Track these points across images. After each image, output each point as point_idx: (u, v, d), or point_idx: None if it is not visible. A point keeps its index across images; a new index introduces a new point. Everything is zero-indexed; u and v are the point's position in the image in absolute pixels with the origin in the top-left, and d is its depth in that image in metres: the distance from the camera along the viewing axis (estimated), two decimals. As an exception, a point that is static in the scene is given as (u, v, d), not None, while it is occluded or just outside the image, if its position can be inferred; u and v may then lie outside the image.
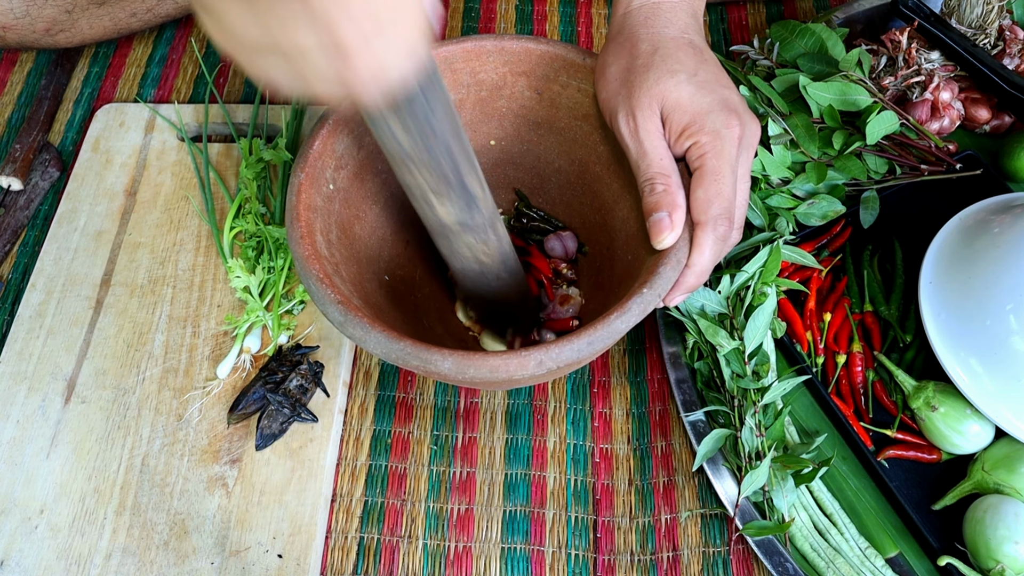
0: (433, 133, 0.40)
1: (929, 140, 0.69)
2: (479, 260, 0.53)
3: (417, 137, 0.40)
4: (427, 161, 0.42)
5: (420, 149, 0.40)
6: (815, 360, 0.66)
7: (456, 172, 0.44)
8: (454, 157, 0.42)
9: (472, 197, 0.46)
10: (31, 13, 0.81)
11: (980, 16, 0.77)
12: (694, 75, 0.50)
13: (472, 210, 0.47)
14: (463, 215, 0.47)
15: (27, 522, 0.61)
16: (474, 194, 0.47)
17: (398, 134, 0.39)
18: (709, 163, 0.48)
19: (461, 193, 0.45)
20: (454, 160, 0.43)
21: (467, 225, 0.48)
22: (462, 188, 0.45)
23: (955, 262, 0.62)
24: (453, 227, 0.48)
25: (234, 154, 0.79)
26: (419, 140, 0.40)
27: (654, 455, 0.65)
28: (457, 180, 0.44)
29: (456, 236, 0.49)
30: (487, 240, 0.51)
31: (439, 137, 0.40)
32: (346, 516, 0.63)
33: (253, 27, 0.29)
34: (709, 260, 0.49)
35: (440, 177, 0.43)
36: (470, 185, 0.46)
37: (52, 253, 0.74)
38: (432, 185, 0.44)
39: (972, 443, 0.60)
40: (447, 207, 0.46)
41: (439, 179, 0.43)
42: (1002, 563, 0.55)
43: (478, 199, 0.47)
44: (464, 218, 0.47)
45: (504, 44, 0.59)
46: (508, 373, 0.45)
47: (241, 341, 0.67)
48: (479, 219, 0.48)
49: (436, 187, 0.44)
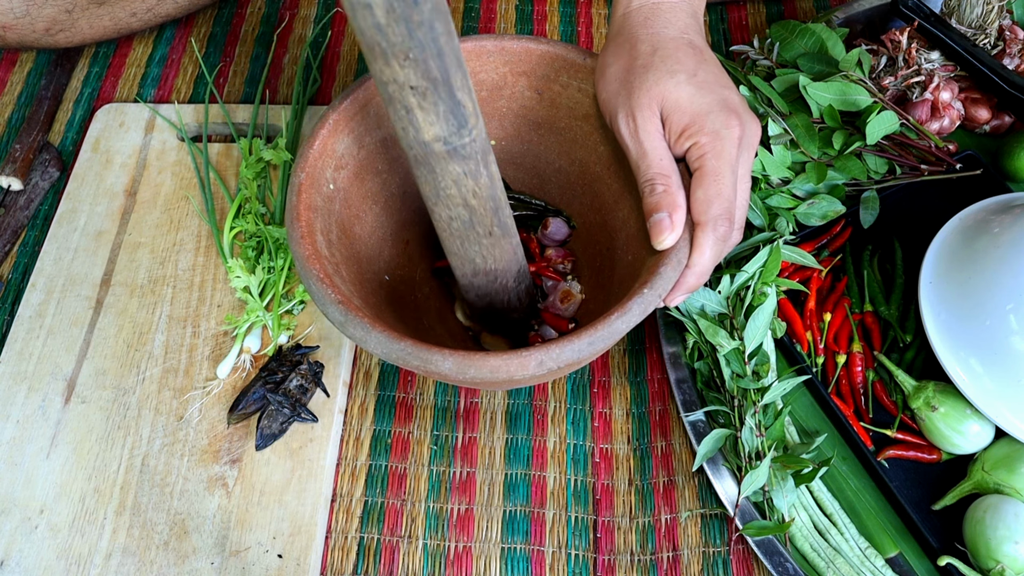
0: (416, 7, 0.33)
1: (929, 140, 0.69)
2: (467, 203, 0.46)
3: (399, 12, 0.33)
4: (409, 47, 0.35)
5: (402, 31, 0.34)
6: (815, 360, 0.66)
7: (443, 68, 0.37)
8: (440, 49, 0.36)
9: (461, 109, 0.40)
10: (31, 13, 0.81)
11: (980, 16, 0.77)
12: (694, 75, 0.50)
13: (461, 129, 0.41)
14: (449, 132, 0.40)
15: (27, 522, 0.61)
16: (464, 106, 0.40)
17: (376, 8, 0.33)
18: (709, 163, 0.48)
19: (448, 100, 0.39)
20: (440, 52, 0.36)
21: (454, 148, 0.41)
22: (449, 94, 0.38)
23: (955, 262, 0.62)
24: (437, 148, 0.41)
25: (234, 154, 0.79)
26: (401, 19, 0.34)
27: (654, 455, 0.65)
28: (444, 80, 0.38)
29: (441, 163, 0.43)
30: (477, 175, 0.44)
31: (423, 16, 0.34)
32: (346, 516, 0.63)
33: None
34: (709, 260, 0.49)
35: (423, 71, 0.36)
36: (459, 92, 0.39)
37: (52, 253, 0.74)
38: (413, 82, 0.37)
39: (972, 443, 0.60)
40: (431, 118, 0.39)
41: (422, 74, 0.37)
42: (1002, 563, 0.55)
43: (468, 115, 0.41)
44: (451, 137, 0.41)
45: (504, 44, 0.59)
46: (508, 373, 0.45)
47: (241, 341, 0.67)
48: (468, 143, 0.42)
49: (417, 84, 0.37)
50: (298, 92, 0.81)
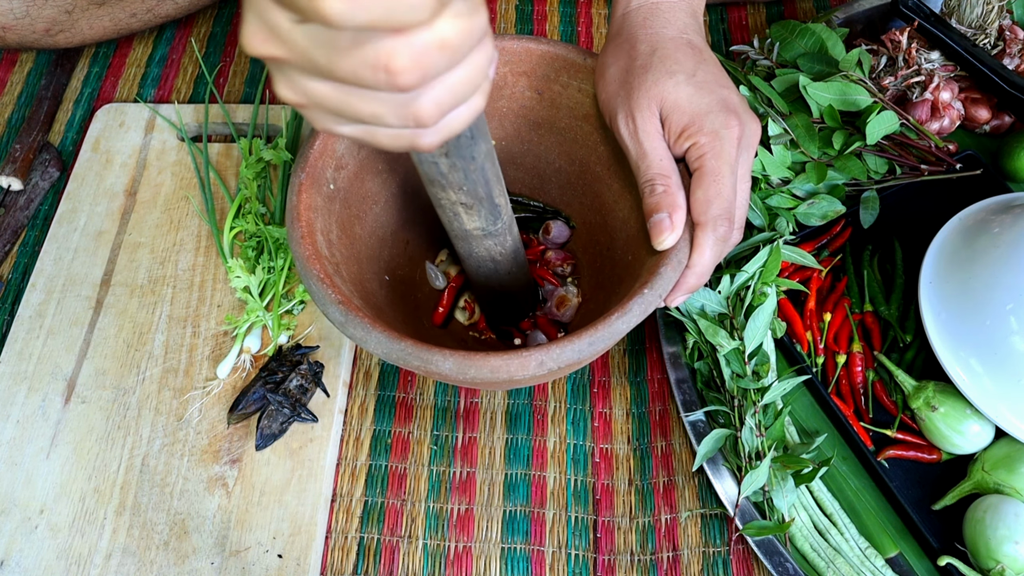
0: (474, 161, 0.42)
1: (929, 140, 0.69)
2: (494, 259, 0.56)
3: (459, 167, 0.42)
4: (464, 185, 0.44)
5: (460, 177, 0.43)
6: (815, 360, 0.66)
7: (488, 191, 0.47)
8: (488, 179, 0.45)
9: (497, 209, 0.50)
10: (31, 13, 0.81)
11: (980, 16, 0.77)
12: (693, 75, 0.50)
13: (496, 220, 0.51)
14: (487, 224, 0.50)
15: (27, 522, 0.61)
16: (499, 206, 0.50)
17: (442, 166, 0.42)
18: (708, 164, 0.48)
19: (489, 207, 0.48)
20: (488, 182, 0.46)
21: (489, 232, 0.52)
22: (491, 203, 0.48)
23: (955, 262, 0.62)
24: (475, 233, 0.52)
25: (234, 154, 0.79)
26: (460, 170, 0.43)
27: (654, 455, 0.65)
28: (488, 197, 0.47)
29: (477, 241, 0.53)
30: (504, 243, 0.54)
31: (478, 164, 0.43)
32: (346, 516, 0.63)
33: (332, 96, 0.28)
34: (709, 261, 0.49)
35: (474, 197, 0.46)
36: (496, 199, 0.49)
37: (52, 253, 0.74)
38: (465, 202, 0.47)
39: (972, 443, 0.60)
40: (474, 219, 0.49)
41: (472, 198, 0.46)
42: (1002, 563, 0.55)
43: (502, 210, 0.50)
44: (488, 227, 0.51)
45: (504, 44, 0.59)
46: (509, 373, 0.45)
47: (241, 341, 0.67)
48: (500, 227, 0.52)
49: (468, 203, 0.47)
50: (298, 92, 0.81)
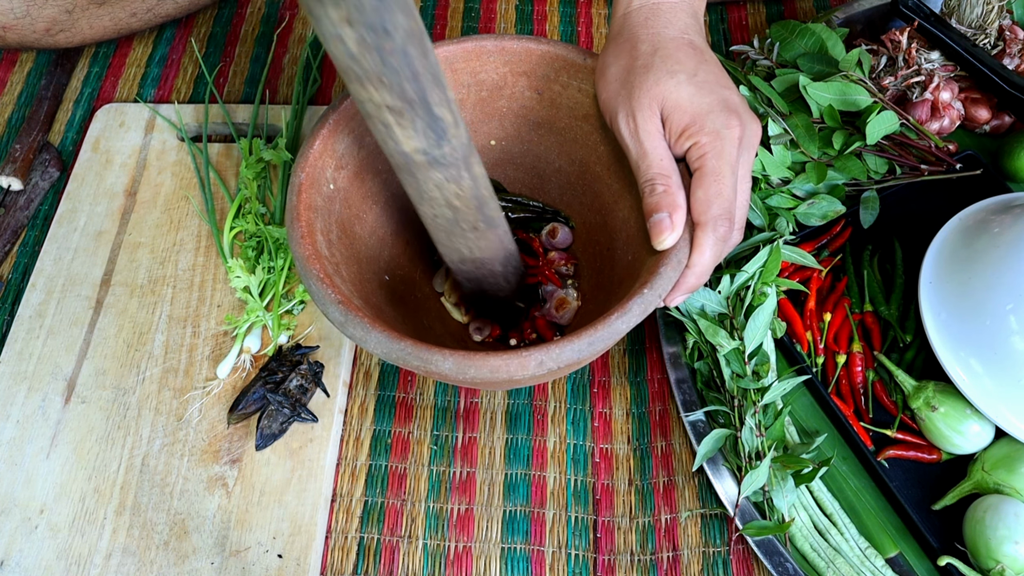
0: (389, 37, 0.34)
1: (929, 140, 0.69)
2: (450, 204, 0.47)
3: (370, 44, 0.34)
4: (383, 74, 0.36)
5: (375, 60, 0.35)
6: (815, 360, 0.66)
7: (419, 89, 0.38)
8: (415, 71, 0.37)
9: (439, 123, 0.41)
10: (31, 13, 0.81)
11: (980, 16, 0.77)
12: (694, 75, 0.50)
13: (440, 140, 0.42)
14: (428, 144, 0.42)
15: (27, 522, 0.61)
16: (442, 119, 0.41)
17: (347, 40, 0.34)
18: (709, 163, 0.48)
19: (425, 116, 0.40)
20: (416, 75, 0.37)
21: (434, 158, 0.42)
22: (426, 110, 0.40)
23: (955, 262, 0.62)
24: (417, 159, 0.43)
25: (234, 154, 0.79)
26: (373, 49, 0.34)
27: (654, 455, 0.65)
28: (420, 99, 0.39)
29: (422, 171, 0.44)
30: (459, 179, 0.45)
31: (395, 42, 0.35)
32: (346, 516, 0.63)
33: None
34: (709, 260, 0.49)
35: (398, 93, 0.38)
36: (436, 108, 0.40)
37: (52, 253, 0.74)
38: (389, 102, 0.38)
39: (972, 443, 0.60)
40: (409, 132, 0.40)
41: (397, 96, 0.38)
42: (1002, 563, 0.55)
43: (447, 127, 0.42)
44: (430, 148, 0.42)
45: (504, 44, 0.59)
46: (508, 373, 0.45)
47: (241, 341, 0.67)
48: (449, 152, 0.43)
49: (394, 105, 0.38)
50: (298, 92, 0.81)
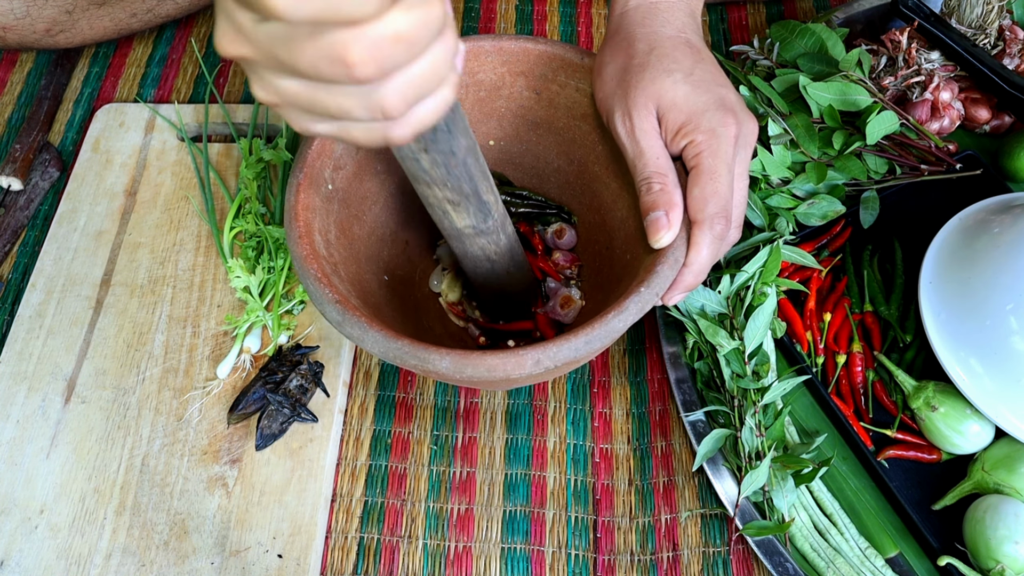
0: (454, 156, 0.43)
1: (929, 140, 0.69)
2: (489, 258, 0.56)
3: (440, 162, 0.42)
4: (447, 181, 0.45)
5: (442, 172, 0.43)
6: (815, 360, 0.66)
7: (473, 187, 0.47)
8: (472, 175, 0.46)
9: (486, 205, 0.49)
10: (31, 14, 0.81)
11: (980, 16, 0.76)
12: (690, 74, 0.50)
13: (486, 217, 0.51)
14: (477, 222, 0.50)
15: (27, 522, 0.61)
16: (487, 203, 0.50)
17: (423, 162, 0.42)
18: (705, 162, 0.48)
19: (477, 204, 0.48)
20: (472, 178, 0.46)
21: (480, 230, 0.52)
22: (478, 200, 0.48)
23: (955, 262, 0.62)
24: (467, 232, 0.52)
25: (234, 154, 0.79)
26: (442, 165, 0.43)
27: (654, 455, 0.65)
28: (474, 194, 0.47)
29: (470, 239, 0.53)
30: (498, 241, 0.54)
31: (459, 159, 0.43)
32: (346, 516, 0.63)
33: (301, 92, 0.30)
34: (707, 259, 0.49)
35: (459, 193, 0.46)
36: (484, 196, 0.49)
37: (52, 253, 0.74)
38: (451, 199, 0.47)
39: (972, 443, 0.60)
40: (463, 217, 0.49)
41: (458, 194, 0.47)
42: (1002, 563, 0.55)
43: (491, 207, 0.50)
44: (478, 224, 0.51)
45: (502, 44, 0.59)
46: (506, 372, 0.45)
47: (241, 341, 0.67)
48: (492, 224, 0.52)
49: (455, 200, 0.47)
50: (298, 92, 0.81)
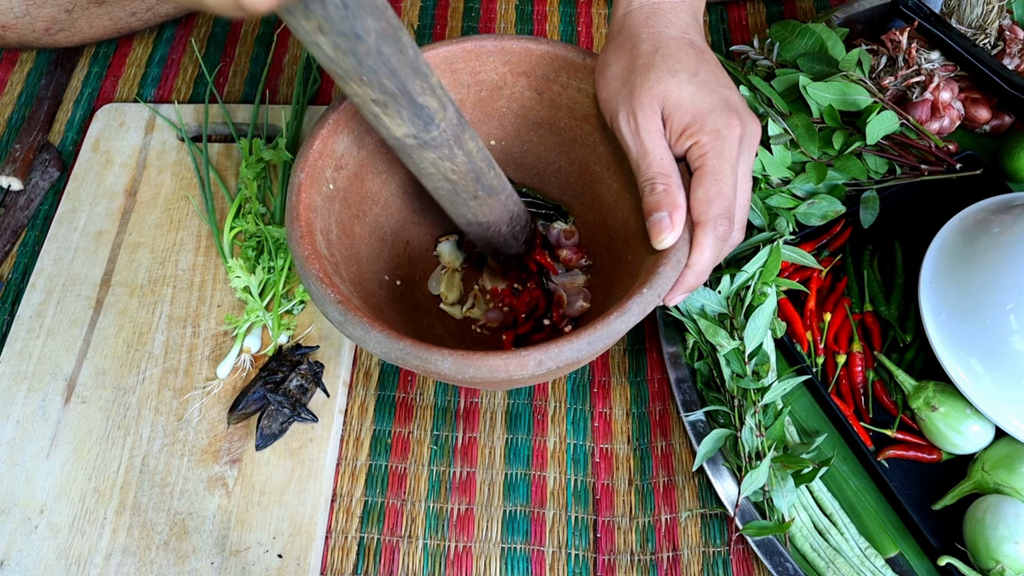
0: (360, 41, 0.37)
1: (929, 140, 0.69)
2: (447, 178, 0.50)
3: (344, 48, 0.37)
4: (362, 73, 0.39)
5: (351, 62, 0.38)
6: (815, 360, 0.66)
7: (400, 84, 0.41)
8: (392, 67, 0.40)
9: (424, 110, 0.44)
10: (31, 12, 0.81)
11: (980, 16, 0.77)
12: (695, 75, 0.50)
13: (428, 126, 0.45)
14: (417, 130, 0.45)
15: (27, 522, 0.61)
16: (426, 107, 0.44)
17: (324, 47, 0.37)
18: (710, 163, 0.48)
19: (409, 106, 0.43)
20: (393, 71, 0.40)
21: (424, 141, 0.46)
22: (409, 101, 0.42)
23: (955, 262, 0.62)
24: (409, 142, 0.46)
25: (234, 154, 0.79)
26: (348, 52, 0.37)
27: (654, 455, 0.65)
28: (401, 91, 0.41)
29: (416, 152, 0.47)
30: (452, 157, 0.48)
31: (367, 44, 0.37)
32: (346, 516, 0.63)
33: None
34: (709, 260, 0.49)
35: (379, 88, 0.41)
36: (419, 97, 0.43)
37: (52, 253, 0.74)
38: (374, 98, 0.41)
39: (972, 443, 0.60)
40: (396, 121, 0.44)
41: (381, 92, 0.41)
42: (1002, 563, 0.55)
43: (433, 112, 0.44)
44: (419, 133, 0.45)
45: (504, 44, 0.59)
46: (507, 373, 0.45)
47: (241, 341, 0.67)
48: (438, 134, 0.46)
49: (377, 98, 0.41)
50: (298, 92, 0.81)
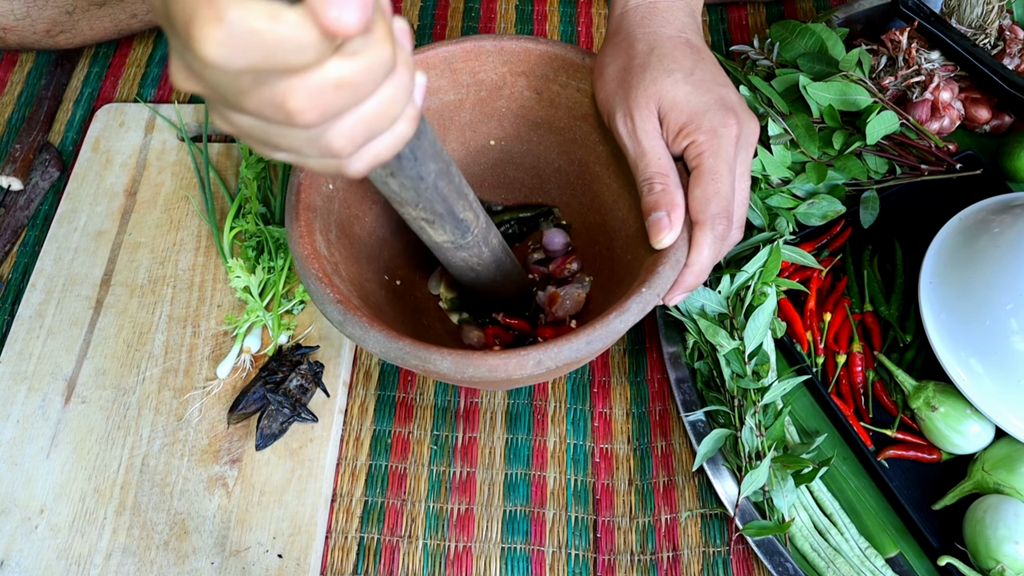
0: (423, 181, 0.43)
1: (929, 140, 0.69)
2: (472, 268, 0.57)
3: (409, 187, 0.43)
4: (419, 202, 0.45)
5: (412, 195, 0.44)
6: (815, 360, 0.66)
7: (447, 208, 0.47)
8: (444, 196, 0.46)
9: (463, 223, 0.50)
10: (32, 14, 0.81)
11: (980, 16, 0.76)
12: (691, 74, 0.50)
13: (465, 234, 0.51)
14: (455, 238, 0.51)
15: (27, 522, 0.61)
16: (465, 221, 0.50)
17: (392, 185, 0.43)
18: (707, 162, 0.48)
19: (452, 221, 0.49)
20: (444, 199, 0.47)
21: (459, 245, 0.52)
22: (452, 217, 0.49)
23: (955, 262, 0.62)
24: (446, 246, 0.52)
25: (234, 154, 0.79)
26: (411, 189, 0.43)
27: (654, 455, 0.65)
28: (448, 214, 0.48)
29: (451, 252, 0.53)
30: (480, 254, 0.55)
31: (428, 183, 0.44)
32: (346, 516, 0.63)
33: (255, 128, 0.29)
34: (708, 259, 0.49)
35: (432, 212, 0.47)
36: (460, 214, 0.49)
37: (52, 253, 0.74)
38: (425, 217, 0.48)
39: (972, 443, 0.60)
40: (440, 233, 0.50)
41: (431, 214, 0.47)
42: (1002, 563, 0.55)
43: (469, 224, 0.51)
44: (456, 240, 0.52)
45: (503, 44, 0.59)
46: (507, 372, 0.45)
47: (241, 341, 0.67)
48: (470, 240, 0.53)
49: (429, 219, 0.48)
50: (298, 92, 0.81)
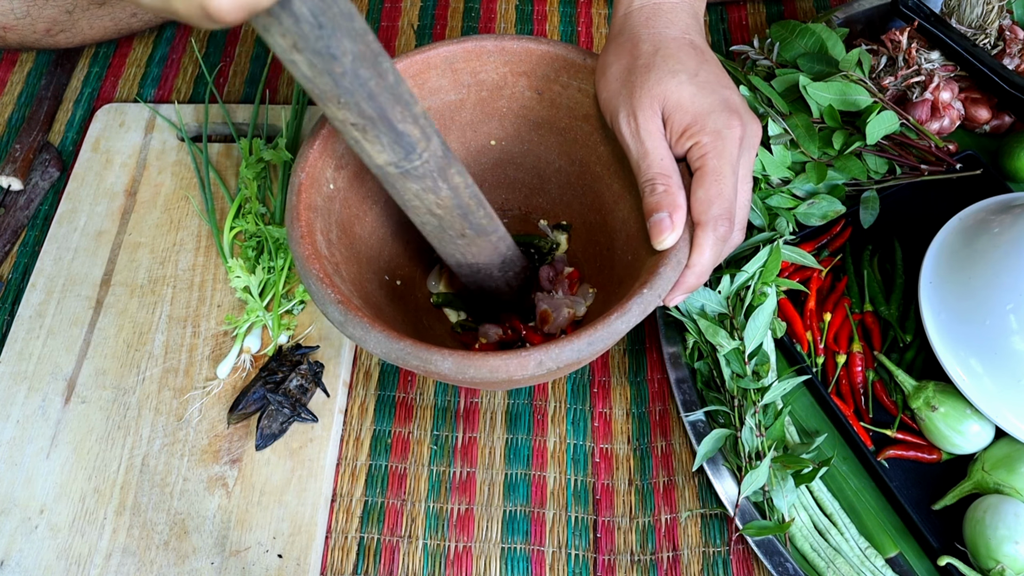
0: (335, 60, 0.36)
1: (929, 140, 0.69)
2: (432, 212, 0.49)
3: (320, 68, 0.36)
4: (339, 95, 0.38)
5: (328, 82, 0.37)
6: (815, 360, 0.66)
7: (377, 108, 0.40)
8: (371, 92, 0.39)
9: (405, 138, 0.43)
10: (32, 14, 0.81)
11: (980, 16, 0.77)
12: (695, 75, 0.50)
13: (409, 154, 0.44)
14: (398, 158, 0.44)
15: (27, 522, 0.61)
16: (407, 135, 0.43)
17: (300, 65, 0.36)
18: (710, 163, 0.48)
19: (389, 132, 0.42)
20: (371, 95, 0.39)
21: (405, 171, 0.45)
22: (389, 127, 0.41)
23: (955, 262, 0.62)
24: (390, 171, 0.45)
25: (234, 154, 0.79)
26: (324, 72, 0.36)
27: (654, 455, 0.65)
28: (380, 116, 0.41)
29: (398, 182, 0.46)
30: (436, 190, 0.47)
31: (343, 66, 0.37)
32: (346, 516, 0.63)
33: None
34: (709, 260, 0.49)
35: (357, 112, 0.40)
36: (399, 124, 0.42)
37: (52, 253, 0.74)
38: (351, 119, 0.40)
39: (972, 443, 0.60)
40: (376, 147, 0.43)
41: (356, 114, 0.40)
42: (1002, 563, 0.55)
43: (415, 141, 0.43)
44: (400, 162, 0.44)
45: (505, 44, 0.59)
46: (508, 373, 0.45)
47: (241, 341, 0.67)
48: (420, 164, 0.45)
49: (355, 122, 0.40)
50: (298, 92, 0.81)
